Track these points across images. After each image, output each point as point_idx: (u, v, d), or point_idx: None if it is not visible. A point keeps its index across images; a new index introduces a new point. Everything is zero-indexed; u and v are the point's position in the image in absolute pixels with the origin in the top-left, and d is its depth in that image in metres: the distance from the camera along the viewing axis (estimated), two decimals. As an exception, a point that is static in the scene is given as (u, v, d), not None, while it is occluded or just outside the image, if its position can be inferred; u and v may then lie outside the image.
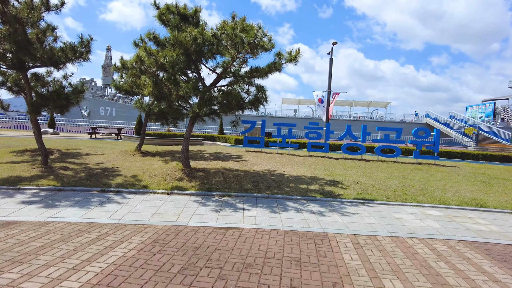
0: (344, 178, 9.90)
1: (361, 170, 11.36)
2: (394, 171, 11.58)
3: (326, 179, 9.68)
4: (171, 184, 8.31)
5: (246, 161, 11.97)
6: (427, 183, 9.80)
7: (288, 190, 8.33)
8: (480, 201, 8.18)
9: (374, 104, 56.97)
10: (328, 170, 11.04)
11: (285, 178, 9.41)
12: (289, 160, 12.75)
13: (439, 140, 13.15)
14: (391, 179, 10.07)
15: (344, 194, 8.24)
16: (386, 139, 13.66)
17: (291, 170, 10.63)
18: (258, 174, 9.66)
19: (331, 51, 17.93)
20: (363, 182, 9.47)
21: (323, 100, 17.51)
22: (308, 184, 8.93)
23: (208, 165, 10.64)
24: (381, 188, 8.95)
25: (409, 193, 8.59)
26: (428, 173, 11.52)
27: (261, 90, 8.72)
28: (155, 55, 7.11)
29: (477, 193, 8.90)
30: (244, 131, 14.91)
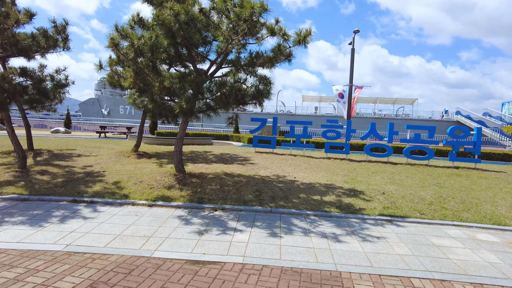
0: (367, 186, 8.25)
1: (387, 176, 9.64)
2: (427, 177, 9.79)
3: (345, 187, 8.07)
4: (156, 193, 6.98)
5: (253, 164, 10.51)
6: (471, 194, 8.00)
7: (297, 202, 6.81)
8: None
9: (400, 101, 54.09)
10: (348, 176, 9.40)
11: (295, 186, 7.88)
12: (303, 162, 11.18)
13: (481, 140, 11.18)
14: (424, 188, 8.33)
15: (366, 208, 6.63)
16: (417, 138, 11.81)
17: (303, 176, 9.07)
18: (264, 181, 8.17)
19: (353, 41, 16.15)
20: (390, 191, 7.80)
21: (344, 95, 15.78)
22: (323, 195, 7.36)
23: (207, 169, 9.26)
24: (412, 200, 7.26)
25: (449, 207, 6.87)
26: (469, 180, 9.65)
27: (265, 81, 7.22)
28: (129, 36, 5.76)
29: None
30: (253, 129, 13.45)
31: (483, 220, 6.28)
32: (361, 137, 12.86)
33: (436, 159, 13.62)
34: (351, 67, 16.06)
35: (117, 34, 5.77)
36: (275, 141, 12.68)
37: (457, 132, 11.62)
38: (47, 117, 41.56)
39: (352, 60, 16.08)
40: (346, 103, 15.89)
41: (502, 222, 6.23)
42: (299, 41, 6.83)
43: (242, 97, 7.10)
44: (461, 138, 11.72)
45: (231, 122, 7.90)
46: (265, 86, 7.08)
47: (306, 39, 6.77)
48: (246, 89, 6.96)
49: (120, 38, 6.01)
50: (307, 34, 6.79)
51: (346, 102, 15.91)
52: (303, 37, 6.72)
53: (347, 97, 15.92)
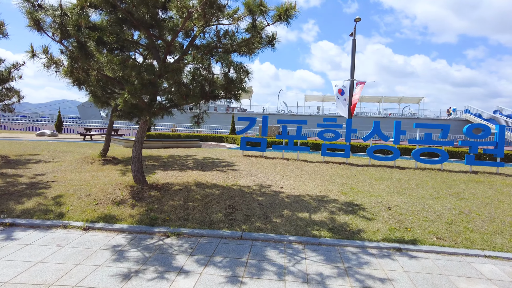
0: (369, 198, 6.72)
1: (393, 184, 8.08)
2: (442, 185, 8.21)
3: (342, 200, 6.53)
4: (101, 211, 5.52)
5: (235, 170, 9.00)
6: (500, 208, 6.42)
7: (278, 222, 5.30)
8: None
9: (405, 100, 52.29)
10: (347, 185, 7.86)
11: (279, 200, 6.36)
12: (295, 168, 9.64)
13: (504, 140, 9.56)
14: (439, 200, 6.77)
15: (367, 230, 5.10)
16: (428, 139, 10.21)
17: (292, 185, 7.55)
18: (242, 193, 6.67)
19: (354, 31, 14.59)
20: (397, 205, 6.26)
21: (344, 92, 14.22)
22: (313, 211, 5.84)
23: (177, 178, 7.77)
24: (426, 217, 5.71)
25: (475, 229, 5.31)
26: (492, 188, 8.05)
27: (236, 67, 5.71)
28: (43, 7, 4.28)
29: None
30: (241, 130, 11.94)
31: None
32: (363, 137, 11.29)
33: (449, 161, 12.01)
34: (352, 60, 14.50)
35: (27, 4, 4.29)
36: (265, 143, 11.16)
37: (475, 131, 10.01)
38: (44, 120, 40.47)
39: (353, 52, 14.52)
40: (346, 100, 14.33)
41: (549, 250, 4.65)
42: (280, 16, 5.35)
43: (211, 88, 5.58)
44: (479, 138, 10.10)
45: (197, 121, 6.40)
46: (238, 74, 5.55)
47: (288, 13, 5.30)
48: (214, 78, 5.44)
49: (38, 12, 4.53)
50: (289, 7, 5.29)
51: (346, 99, 14.35)
52: (284, 11, 5.23)
53: (347, 93, 14.37)
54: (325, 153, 10.81)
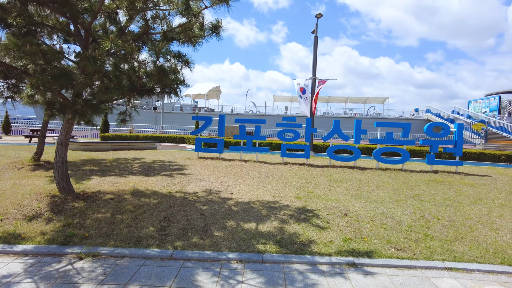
0: (325, 203, 6.15)
1: (353, 186, 7.60)
2: (403, 186, 7.83)
3: (295, 206, 5.91)
4: (5, 228, 4.55)
5: (185, 174, 8.18)
6: (460, 211, 6.06)
7: (219, 236, 4.58)
8: None
9: (370, 100, 53.43)
10: (304, 188, 7.28)
11: (226, 209, 5.63)
12: (252, 170, 8.97)
13: (462, 139, 9.40)
14: (400, 204, 6.33)
15: (319, 242, 4.49)
16: (389, 138, 9.89)
17: (245, 190, 6.86)
18: (184, 202, 5.88)
19: (316, 28, 14.19)
20: (355, 211, 5.73)
21: (305, 90, 13.78)
22: (261, 221, 5.16)
23: (114, 184, 6.85)
24: (385, 224, 5.20)
25: (435, 235, 4.85)
26: (452, 188, 7.77)
27: (168, 54, 4.94)
28: None
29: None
30: (195, 130, 11.10)
31: (486, 257, 4.28)
32: (323, 137, 10.83)
33: (412, 160, 11.83)
34: (314, 58, 14.08)
35: None
36: (222, 144, 10.41)
37: (435, 130, 9.81)
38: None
39: (315, 49, 14.11)
40: (308, 99, 13.89)
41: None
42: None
43: (140, 80, 4.75)
44: (439, 136, 9.91)
45: (123, 119, 5.56)
46: (171, 63, 4.76)
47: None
48: (139, 67, 4.62)
49: None
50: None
51: (308, 98, 13.91)
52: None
53: (309, 92, 13.93)
54: (284, 154, 10.23)
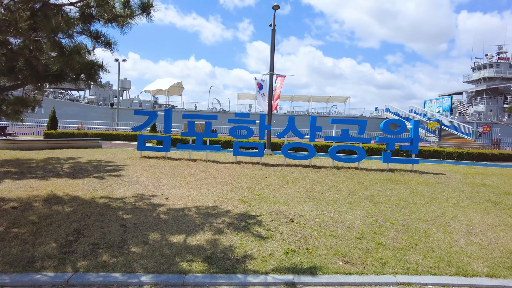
0: (271, 207, 5.50)
1: (305, 187, 7.03)
2: (358, 186, 7.38)
3: (237, 212, 5.20)
4: None
5: (119, 176, 7.22)
6: (415, 213, 5.64)
7: (137, 253, 3.76)
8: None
9: (333, 99, 54.35)
10: (252, 190, 6.60)
11: (153, 218, 4.81)
12: (199, 171, 8.16)
13: (418, 136, 9.18)
14: (353, 206, 5.81)
15: (257, 256, 3.81)
16: (345, 135, 9.47)
17: (184, 194, 6.06)
18: (104, 210, 4.98)
19: (273, 20, 13.56)
20: (303, 215, 5.12)
21: (262, 85, 13.17)
22: (192, 232, 4.41)
23: (28, 189, 5.80)
24: (335, 231, 4.62)
25: (388, 243, 4.33)
26: (408, 188, 7.43)
27: (94, 37, 4.05)
28: None
29: (507, 233, 4.91)
30: (137, 127, 10.10)
31: (441, 267, 3.81)
32: (277, 134, 10.24)
33: (369, 158, 11.55)
34: (271, 52, 13.47)
35: None
36: (168, 141, 9.49)
37: (392, 127, 9.52)
38: None
39: (272, 42, 13.50)
40: (265, 94, 13.29)
41: (467, 267, 3.81)
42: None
43: (37, 62, 3.79)
44: (396, 134, 9.64)
45: (18, 110, 4.56)
46: (75, 42, 3.85)
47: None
48: (33, 45, 3.67)
49: None
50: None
51: (266, 93, 13.31)
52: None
53: (267, 87, 13.33)
54: (237, 153, 9.51)
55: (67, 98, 50.62)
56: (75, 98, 51.87)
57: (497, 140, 26.92)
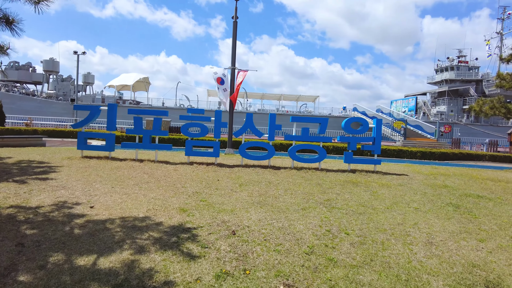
0: (214, 216, 4.81)
1: (258, 191, 6.39)
2: (315, 189, 6.83)
3: (170, 224, 4.46)
4: None
5: (46, 179, 6.26)
6: (373, 220, 5.14)
7: (26, 283, 2.95)
8: (492, 275, 3.64)
9: (303, 98, 54.53)
10: (199, 195, 5.87)
11: (64, 233, 3.98)
12: (143, 173, 7.31)
13: (381, 136, 8.80)
14: (306, 213, 5.23)
15: (180, 282, 3.12)
16: (305, 134, 8.92)
17: (114, 202, 5.23)
18: (7, 223, 4.12)
19: (235, 11, 12.78)
20: (248, 226, 4.47)
21: (224, 80, 12.41)
22: (107, 251, 3.63)
23: None
24: (281, 245, 4.00)
25: (340, 259, 3.76)
26: (368, 190, 6.98)
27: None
28: None
29: (468, 242, 4.48)
30: (77, 123, 9.04)
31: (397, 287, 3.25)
32: (234, 133, 9.54)
33: (330, 157, 11.11)
34: (233, 45, 12.73)
35: None
36: (112, 140, 8.55)
37: (353, 126, 9.06)
38: None
39: (234, 35, 12.75)
40: (227, 90, 12.54)
41: (426, 287, 3.29)
42: None
43: None
44: (358, 133, 9.22)
45: None
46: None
47: None
48: None
49: None
50: None
51: (227, 89, 12.56)
52: None
53: (228, 82, 12.59)
54: (190, 152, 8.72)
55: (23, 92, 47.22)
56: (31, 92, 48.40)
57: (457, 140, 27.72)
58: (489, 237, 4.69)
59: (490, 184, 8.54)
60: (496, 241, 4.55)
